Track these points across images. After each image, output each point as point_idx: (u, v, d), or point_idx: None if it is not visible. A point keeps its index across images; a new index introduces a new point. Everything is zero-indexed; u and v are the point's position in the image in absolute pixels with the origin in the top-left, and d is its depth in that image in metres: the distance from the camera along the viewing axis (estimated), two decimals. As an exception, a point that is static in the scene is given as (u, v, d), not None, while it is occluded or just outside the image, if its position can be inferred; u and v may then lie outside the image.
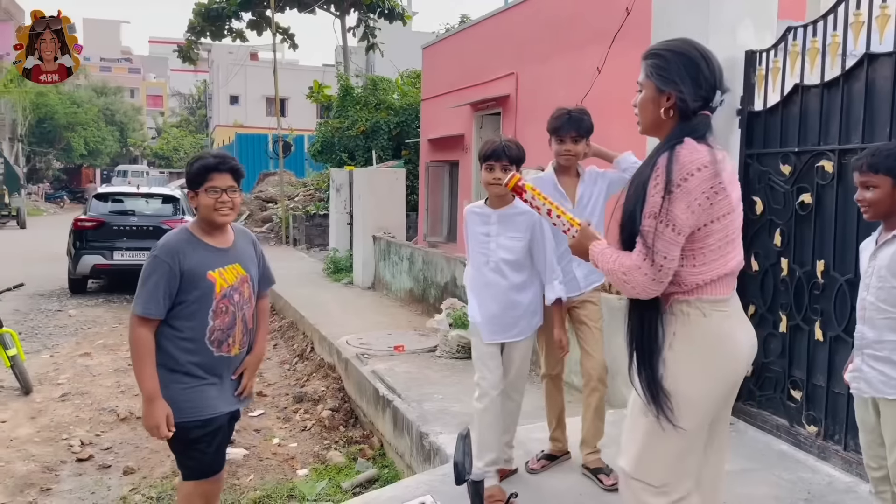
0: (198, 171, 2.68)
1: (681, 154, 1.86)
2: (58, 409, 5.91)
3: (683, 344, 1.93)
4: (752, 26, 3.75)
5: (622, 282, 1.95)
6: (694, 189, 1.85)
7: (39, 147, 41.04)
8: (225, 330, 2.71)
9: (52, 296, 11.07)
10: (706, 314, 1.93)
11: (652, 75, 1.97)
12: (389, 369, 5.61)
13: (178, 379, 2.69)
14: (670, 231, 1.86)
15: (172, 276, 2.60)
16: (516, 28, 10.33)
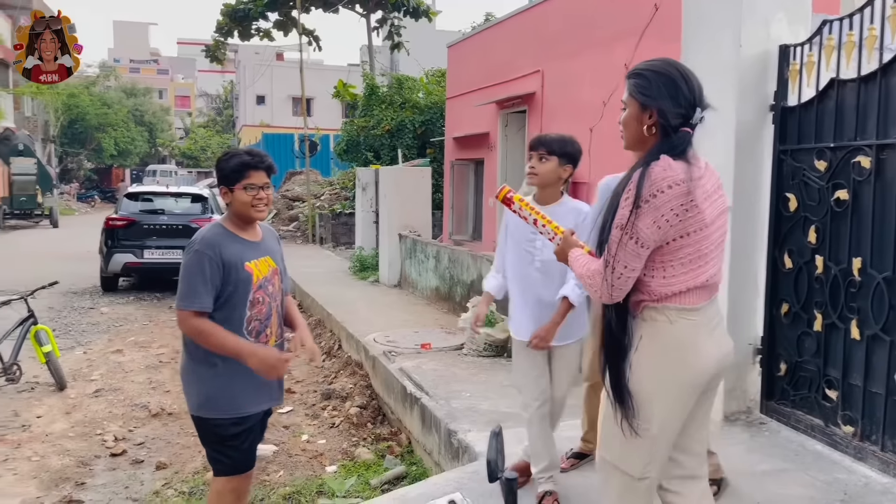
0: (235, 167, 2.72)
1: (653, 171, 1.95)
2: (91, 404, 6.01)
3: (648, 347, 2.03)
4: (786, 20, 3.70)
5: (587, 285, 2.09)
6: (662, 205, 1.93)
7: (71, 148, 41.78)
8: (262, 320, 2.75)
9: (84, 293, 11.26)
10: (672, 321, 2.02)
11: (635, 93, 2.07)
12: (417, 367, 5.63)
13: (216, 373, 2.72)
14: (633, 243, 1.96)
15: (215, 266, 2.64)
16: (542, 25, 10.28)
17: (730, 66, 3.69)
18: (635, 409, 2.03)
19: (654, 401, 2.03)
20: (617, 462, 2.12)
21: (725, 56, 3.71)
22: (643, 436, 2.04)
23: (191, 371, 2.78)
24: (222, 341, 2.63)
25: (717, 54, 3.76)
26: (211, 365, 2.71)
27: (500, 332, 5.98)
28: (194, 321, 2.63)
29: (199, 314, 2.64)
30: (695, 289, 2.02)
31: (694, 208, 1.96)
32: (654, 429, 2.04)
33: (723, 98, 3.77)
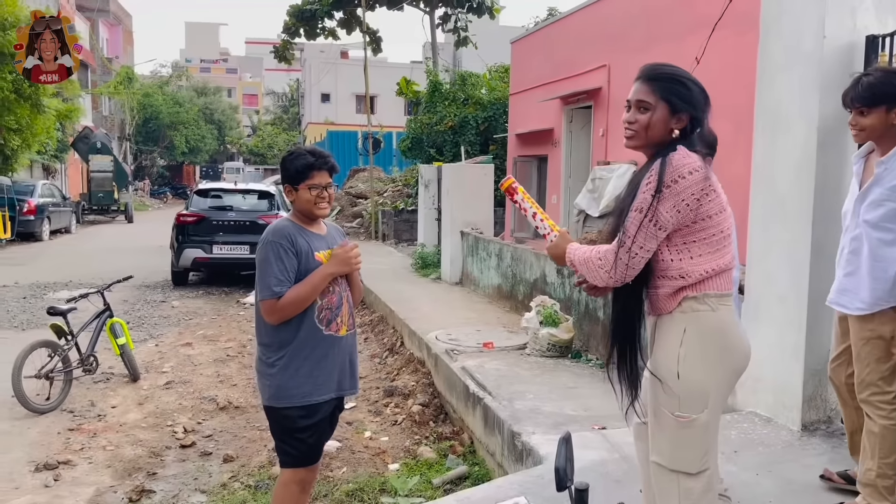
0: (300, 168, 2.81)
1: (674, 158, 2.05)
2: (162, 396, 6.19)
3: (695, 338, 2.08)
4: (874, 9, 3.49)
5: (596, 266, 2.14)
6: (683, 191, 2.03)
7: (145, 146, 43.35)
8: (333, 309, 2.80)
9: (156, 287, 11.62)
10: (714, 308, 2.09)
11: (667, 96, 2.13)
12: (479, 366, 5.58)
13: (285, 363, 2.77)
14: (652, 225, 2.05)
15: (290, 254, 2.73)
16: (609, 19, 10.08)
17: (813, 57, 3.51)
18: (682, 402, 2.09)
19: (709, 390, 2.10)
20: (672, 464, 2.15)
21: (808, 47, 3.53)
22: (693, 427, 2.10)
23: (263, 363, 2.83)
24: (305, 287, 2.71)
25: (798, 45, 3.59)
26: (278, 351, 2.77)
27: (565, 333, 5.88)
28: (280, 304, 2.70)
29: (276, 301, 2.71)
30: (725, 271, 2.11)
31: (712, 192, 2.07)
32: (705, 416, 2.10)
33: (804, 91, 3.60)
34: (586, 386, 5.13)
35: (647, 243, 2.07)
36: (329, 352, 2.81)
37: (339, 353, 2.85)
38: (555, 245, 2.33)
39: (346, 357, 2.89)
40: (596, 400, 4.79)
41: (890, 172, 2.76)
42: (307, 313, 2.75)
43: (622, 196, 2.18)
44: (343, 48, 47.42)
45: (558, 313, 5.98)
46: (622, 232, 2.08)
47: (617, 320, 2.22)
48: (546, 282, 6.97)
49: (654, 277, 2.14)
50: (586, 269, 2.19)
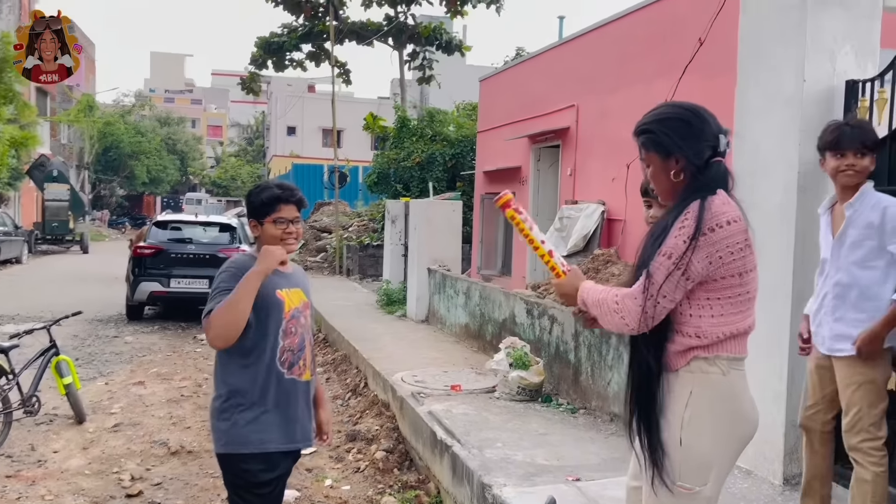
0: (266, 201, 2.64)
1: (713, 203, 1.89)
2: (110, 439, 5.83)
3: (702, 402, 1.92)
4: (853, 54, 3.47)
5: (612, 311, 1.95)
6: (719, 241, 1.87)
7: (104, 175, 42.52)
8: (295, 351, 2.65)
9: (109, 321, 11.18)
10: (725, 372, 1.93)
11: (651, 148, 2.01)
12: (447, 410, 5.37)
13: (243, 407, 2.58)
14: (681, 275, 1.88)
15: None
16: (578, 60, 10.14)
17: (792, 101, 3.47)
18: (682, 470, 1.93)
19: (714, 460, 1.94)
20: None
21: (788, 91, 3.48)
22: (694, 500, 1.94)
23: (219, 405, 2.62)
24: (234, 292, 2.48)
25: (778, 89, 3.54)
26: (237, 400, 2.58)
27: (535, 376, 5.71)
28: (212, 319, 2.49)
29: None
30: (743, 334, 1.96)
31: (748, 248, 1.92)
32: (708, 490, 1.94)
33: (784, 135, 3.55)
34: (558, 432, 4.94)
35: (672, 293, 1.90)
36: (290, 397, 2.64)
37: (300, 399, 2.68)
38: (566, 283, 2.12)
39: (308, 404, 2.72)
40: (568, 448, 4.62)
41: (859, 213, 2.90)
42: (267, 354, 2.57)
43: (648, 236, 2.01)
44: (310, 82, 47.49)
45: (528, 355, 5.82)
46: (647, 277, 1.91)
47: (636, 378, 2.03)
48: (515, 322, 6.82)
49: (668, 330, 1.97)
50: (600, 311, 2.01)
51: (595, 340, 5.38)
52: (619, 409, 5.07)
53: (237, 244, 11.47)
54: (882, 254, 2.88)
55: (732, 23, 6.43)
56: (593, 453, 4.54)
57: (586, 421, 5.24)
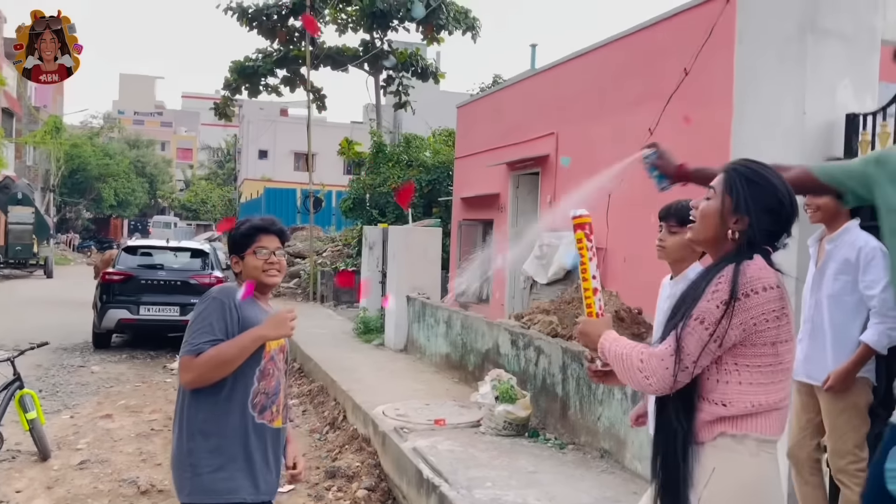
0: (246, 232, 2.54)
1: (749, 269, 1.80)
2: (76, 478, 5.53)
3: (725, 483, 1.79)
4: (852, 87, 3.44)
5: (635, 368, 1.85)
6: (753, 308, 1.78)
7: (70, 197, 41.72)
8: (270, 395, 2.49)
9: (74, 350, 10.80)
10: (753, 454, 1.80)
11: (732, 192, 1.89)
12: (431, 447, 5.19)
13: (210, 453, 2.39)
14: (714, 343, 1.79)
15: (231, 313, 2.40)
16: (559, 88, 10.16)
17: (792, 133, 3.42)
18: None
19: None
20: None
21: (787, 123, 3.43)
22: None
23: (184, 451, 2.43)
24: (231, 346, 2.35)
25: (777, 121, 3.49)
26: (205, 444, 2.39)
27: (522, 409, 5.57)
28: (196, 361, 2.33)
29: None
30: (773, 409, 1.82)
31: (784, 317, 1.81)
32: None
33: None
34: (547, 470, 4.79)
35: (701, 359, 1.80)
36: (261, 444, 2.46)
37: (271, 447, 2.51)
38: (596, 325, 2.03)
39: (277, 454, 2.55)
40: (559, 487, 4.47)
41: (839, 248, 3.08)
42: (239, 395, 2.40)
43: (680, 298, 1.91)
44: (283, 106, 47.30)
45: (515, 388, 5.67)
46: (677, 341, 1.80)
47: (662, 447, 1.91)
48: (499, 353, 6.68)
49: (694, 396, 1.86)
50: (622, 366, 1.90)
51: (584, 374, 5.26)
52: (609, 445, 4.95)
53: (210, 270, 11.20)
54: (855, 290, 3.04)
55: (715, 53, 6.47)
56: (584, 492, 4.40)
57: (575, 457, 5.10)
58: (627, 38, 8.38)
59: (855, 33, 3.44)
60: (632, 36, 8.31)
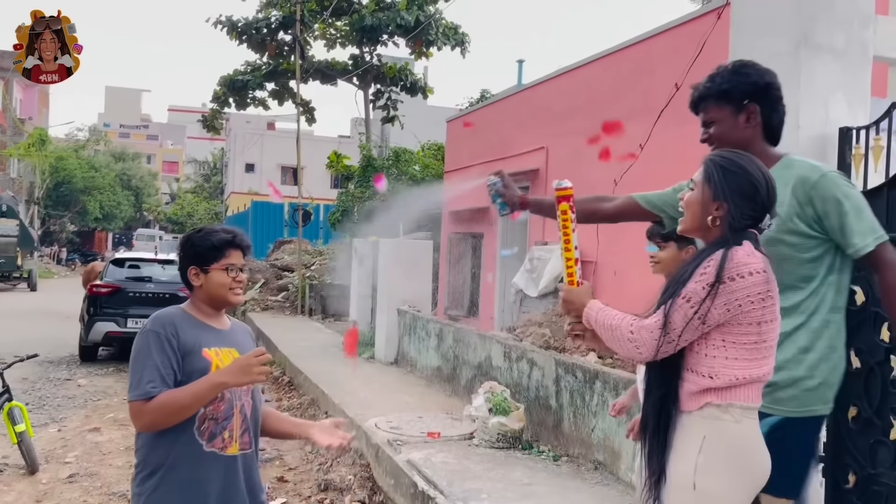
0: (215, 245, 2.38)
1: (736, 254, 1.94)
2: (65, 491, 5.47)
3: (715, 449, 1.95)
4: (845, 102, 3.50)
5: (626, 339, 2.01)
6: (737, 290, 1.92)
7: (55, 210, 41.36)
8: (219, 420, 2.30)
9: (61, 363, 10.70)
10: (738, 420, 1.97)
11: (709, 181, 2.05)
12: (426, 459, 5.17)
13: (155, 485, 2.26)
14: (698, 320, 1.94)
15: (170, 343, 2.26)
16: (549, 102, 10.23)
17: (787, 147, 3.42)
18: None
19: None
20: None
21: (782, 138, 3.48)
22: None
23: (134, 481, 2.33)
24: (185, 394, 2.21)
25: (771, 135, 3.53)
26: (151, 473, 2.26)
27: (516, 422, 5.57)
28: (148, 407, 2.20)
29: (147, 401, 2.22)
30: (757, 381, 1.99)
31: (769, 298, 1.96)
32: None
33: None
34: (542, 482, 4.79)
35: (687, 335, 1.97)
36: (209, 474, 2.28)
37: (222, 477, 2.31)
38: (579, 292, 2.18)
39: (236, 482, 2.34)
40: (555, 499, 4.47)
41: None
42: (185, 423, 2.25)
43: (672, 278, 2.08)
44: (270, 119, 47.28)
45: (509, 400, 5.67)
46: (665, 318, 1.96)
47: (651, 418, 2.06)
48: (492, 365, 6.68)
49: (682, 368, 2.01)
50: (611, 335, 2.06)
51: (578, 385, 5.27)
52: (603, 457, 4.95)
53: (198, 283, 11.15)
54: None
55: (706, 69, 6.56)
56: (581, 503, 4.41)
57: (570, 469, 5.10)
58: (618, 53, 8.47)
59: (847, 48, 3.50)
60: (623, 51, 8.40)
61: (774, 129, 2.59)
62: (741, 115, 2.49)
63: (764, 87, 2.52)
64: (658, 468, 2.02)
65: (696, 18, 6.96)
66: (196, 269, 2.39)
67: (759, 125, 2.53)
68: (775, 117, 2.57)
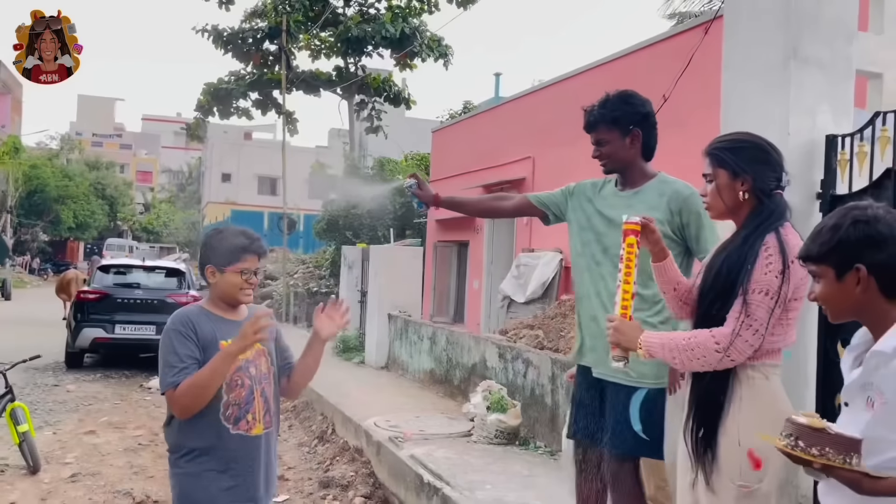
0: (233, 249, 2.53)
1: (788, 237, 2.09)
2: (68, 490, 5.53)
3: (751, 406, 2.11)
4: (830, 111, 3.76)
5: (711, 352, 2.07)
6: (797, 272, 2.05)
7: (27, 219, 40.73)
8: (241, 405, 2.49)
9: (47, 369, 10.64)
10: (768, 377, 2.13)
11: (725, 164, 2.19)
12: (428, 454, 5.34)
13: (188, 467, 2.47)
14: (778, 308, 2.07)
15: (188, 341, 2.44)
16: (536, 113, 10.51)
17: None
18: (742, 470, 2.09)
19: (771, 457, 2.08)
20: None
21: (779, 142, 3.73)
22: (756, 498, 2.09)
23: (170, 462, 2.54)
24: (204, 372, 2.39)
25: (763, 141, 3.79)
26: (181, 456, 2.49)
27: (513, 419, 5.76)
28: (178, 393, 2.39)
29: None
30: (785, 347, 2.17)
31: (808, 277, 2.02)
32: (766, 485, 2.11)
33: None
34: (542, 475, 4.98)
35: (770, 325, 2.08)
36: (238, 454, 2.49)
37: (250, 456, 2.52)
38: (628, 324, 2.22)
39: (258, 460, 2.55)
40: (556, 488, 4.63)
41: None
42: (211, 410, 2.44)
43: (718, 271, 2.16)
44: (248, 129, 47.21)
45: (506, 398, 5.87)
46: (743, 314, 2.06)
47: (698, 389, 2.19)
48: (486, 366, 6.87)
49: None
50: (690, 355, 2.11)
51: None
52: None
53: (186, 289, 11.19)
54: None
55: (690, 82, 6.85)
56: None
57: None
58: (606, 65, 8.76)
59: (832, 62, 3.77)
60: (610, 63, 8.69)
61: (651, 150, 3.01)
62: (627, 138, 2.92)
63: (646, 115, 2.97)
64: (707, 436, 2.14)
65: (681, 33, 7.27)
66: (213, 268, 2.54)
67: (640, 147, 2.95)
68: (652, 140, 2.99)
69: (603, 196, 3.02)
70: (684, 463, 2.28)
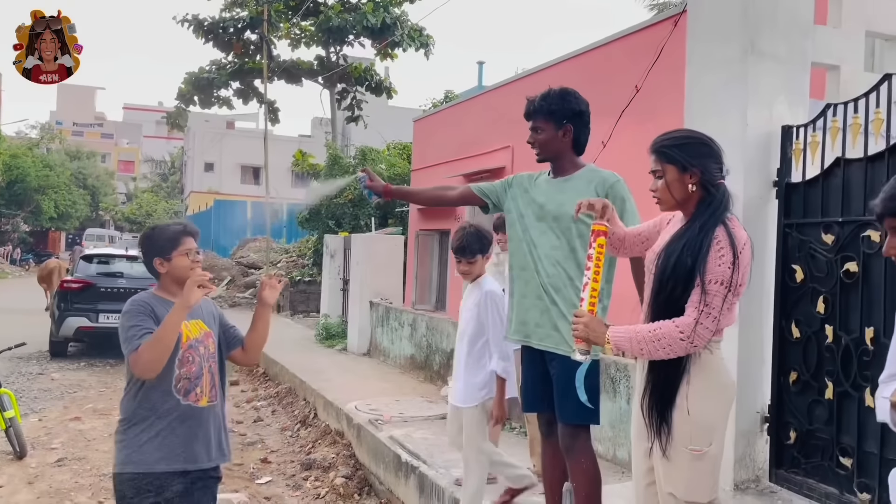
0: (172, 236, 2.83)
1: (736, 229, 2.29)
2: (55, 474, 5.66)
3: (701, 379, 2.29)
4: (787, 103, 3.93)
5: (677, 339, 2.23)
6: (745, 261, 2.26)
7: (8, 209, 40.37)
8: (192, 379, 2.76)
9: (31, 358, 10.71)
10: (712, 351, 2.31)
11: (674, 160, 2.36)
12: (406, 436, 5.51)
13: (137, 431, 2.68)
14: (731, 296, 2.25)
15: (146, 316, 2.68)
16: (515, 102, 10.61)
17: (736, 144, 3.89)
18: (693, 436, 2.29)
19: (715, 422, 2.33)
20: (687, 495, 2.33)
21: (732, 135, 3.90)
22: (705, 459, 2.30)
23: (118, 431, 2.76)
24: (161, 329, 2.59)
25: (723, 133, 3.90)
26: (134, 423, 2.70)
27: (489, 401, 5.92)
28: (140, 353, 2.58)
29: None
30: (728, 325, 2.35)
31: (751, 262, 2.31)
32: (714, 448, 2.33)
33: (731, 174, 3.96)
34: (519, 454, 5.13)
35: (727, 314, 2.27)
36: (186, 421, 2.74)
37: (197, 424, 2.77)
38: (596, 320, 2.34)
39: (207, 428, 2.81)
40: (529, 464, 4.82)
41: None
42: (165, 382, 2.69)
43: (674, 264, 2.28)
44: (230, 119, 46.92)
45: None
46: (702, 304, 2.21)
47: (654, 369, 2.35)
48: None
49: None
50: (656, 345, 2.24)
51: (548, 365, 5.65)
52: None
53: (170, 278, 11.27)
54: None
55: (661, 73, 7.02)
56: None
57: (541, 442, 5.47)
58: (582, 56, 8.90)
59: (789, 56, 3.94)
60: (586, 54, 8.83)
61: (582, 145, 3.25)
62: (560, 131, 3.18)
63: (579, 112, 3.21)
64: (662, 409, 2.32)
65: (652, 25, 7.43)
66: (160, 259, 2.81)
67: (571, 140, 3.20)
68: (583, 136, 3.25)
69: (538, 185, 3.25)
70: (640, 432, 2.48)
